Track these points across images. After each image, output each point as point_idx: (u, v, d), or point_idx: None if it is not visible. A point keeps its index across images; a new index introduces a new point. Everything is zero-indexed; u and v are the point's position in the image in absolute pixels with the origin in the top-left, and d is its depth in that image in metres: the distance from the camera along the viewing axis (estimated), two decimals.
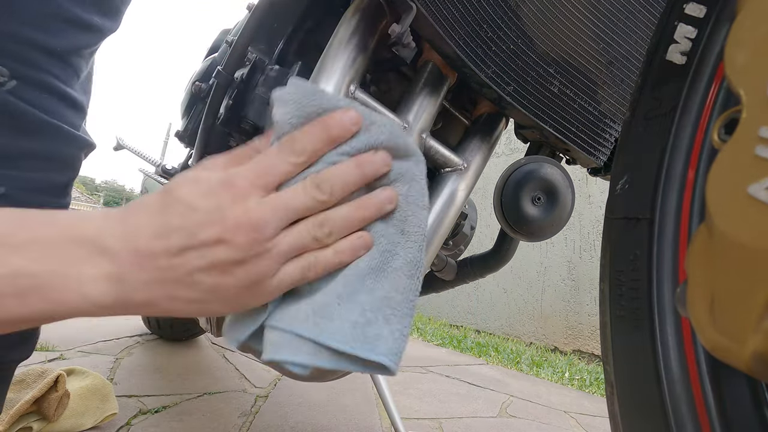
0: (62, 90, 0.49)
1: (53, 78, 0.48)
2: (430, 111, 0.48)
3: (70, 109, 0.51)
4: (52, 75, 0.48)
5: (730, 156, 0.22)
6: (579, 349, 2.57)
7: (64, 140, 0.50)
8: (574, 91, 0.51)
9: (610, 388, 0.33)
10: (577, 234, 2.74)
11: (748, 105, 0.22)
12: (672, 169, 0.31)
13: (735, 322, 0.20)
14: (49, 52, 0.47)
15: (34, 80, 0.47)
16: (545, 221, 0.54)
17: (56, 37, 0.47)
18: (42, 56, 0.47)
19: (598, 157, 0.54)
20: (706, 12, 0.31)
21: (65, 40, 0.48)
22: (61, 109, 0.50)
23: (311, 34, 0.62)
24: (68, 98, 0.50)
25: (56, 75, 0.48)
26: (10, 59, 0.45)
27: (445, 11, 0.44)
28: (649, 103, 0.33)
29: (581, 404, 1.58)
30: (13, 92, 0.45)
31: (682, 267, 0.30)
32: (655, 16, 0.52)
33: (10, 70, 0.45)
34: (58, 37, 0.47)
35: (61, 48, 0.48)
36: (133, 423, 0.88)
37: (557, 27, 0.48)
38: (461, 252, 0.72)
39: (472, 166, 0.50)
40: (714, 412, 0.26)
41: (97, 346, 1.43)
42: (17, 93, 0.46)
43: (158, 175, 1.18)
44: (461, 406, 1.32)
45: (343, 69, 0.43)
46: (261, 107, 0.55)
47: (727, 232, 0.21)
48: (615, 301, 0.33)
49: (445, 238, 0.48)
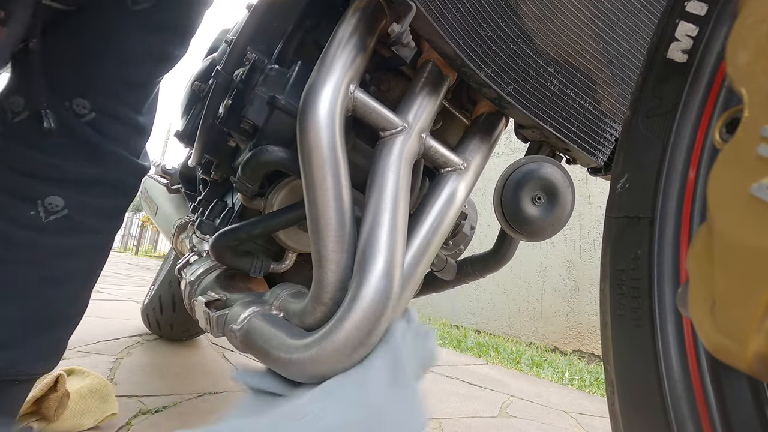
0: (133, 119, 0.53)
1: (128, 109, 0.51)
2: (430, 110, 0.48)
3: (137, 135, 0.54)
4: (128, 105, 0.51)
5: (731, 155, 0.22)
6: (579, 349, 2.57)
7: (131, 170, 0.54)
8: (574, 90, 0.50)
9: (610, 388, 0.33)
10: (577, 234, 2.74)
11: (750, 104, 0.22)
12: (673, 168, 0.31)
13: (736, 322, 0.20)
14: (129, 84, 0.50)
15: (111, 112, 0.50)
16: (545, 221, 0.54)
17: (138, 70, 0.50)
18: (122, 89, 0.50)
19: (598, 157, 0.54)
20: (707, 10, 0.31)
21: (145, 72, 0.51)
22: (129, 138, 0.53)
23: (311, 34, 0.62)
24: (137, 126, 0.54)
25: (130, 105, 0.52)
26: (95, 93, 0.48)
27: (444, 11, 0.44)
28: (649, 101, 0.33)
29: (581, 404, 1.58)
30: (91, 123, 0.49)
31: (683, 267, 0.30)
32: (656, 15, 0.52)
33: (92, 103, 0.48)
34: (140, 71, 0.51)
35: (141, 80, 0.51)
36: (133, 423, 0.88)
37: (557, 26, 0.48)
38: (461, 252, 0.72)
39: (472, 166, 0.50)
40: (715, 411, 0.26)
41: (97, 346, 1.43)
42: (94, 124, 0.49)
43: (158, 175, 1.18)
44: (461, 406, 1.32)
45: (342, 68, 0.43)
46: (260, 107, 0.55)
47: (729, 231, 0.21)
48: (615, 301, 0.33)
49: (445, 238, 0.48)
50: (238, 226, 0.55)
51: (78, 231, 0.50)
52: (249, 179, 0.53)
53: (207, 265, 0.64)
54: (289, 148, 0.52)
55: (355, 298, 0.37)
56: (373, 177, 0.43)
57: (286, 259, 0.63)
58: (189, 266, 0.70)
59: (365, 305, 0.37)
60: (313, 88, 0.42)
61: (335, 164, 0.40)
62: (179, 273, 0.72)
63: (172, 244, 0.99)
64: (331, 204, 0.40)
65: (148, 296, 1.56)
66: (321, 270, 0.40)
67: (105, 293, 2.73)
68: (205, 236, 0.73)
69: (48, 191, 0.48)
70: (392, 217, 0.41)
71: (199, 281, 0.62)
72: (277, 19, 0.63)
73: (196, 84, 0.72)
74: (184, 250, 0.87)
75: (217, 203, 0.69)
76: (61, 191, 0.48)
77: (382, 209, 0.41)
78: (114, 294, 2.75)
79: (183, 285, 0.69)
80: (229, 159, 0.69)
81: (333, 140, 0.40)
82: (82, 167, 0.49)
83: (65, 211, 0.48)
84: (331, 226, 0.40)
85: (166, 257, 1.57)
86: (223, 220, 0.66)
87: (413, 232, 0.45)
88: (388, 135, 0.45)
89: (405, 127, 0.46)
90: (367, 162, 0.50)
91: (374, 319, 0.37)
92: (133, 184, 0.56)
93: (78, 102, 0.47)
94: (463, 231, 0.69)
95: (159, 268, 1.54)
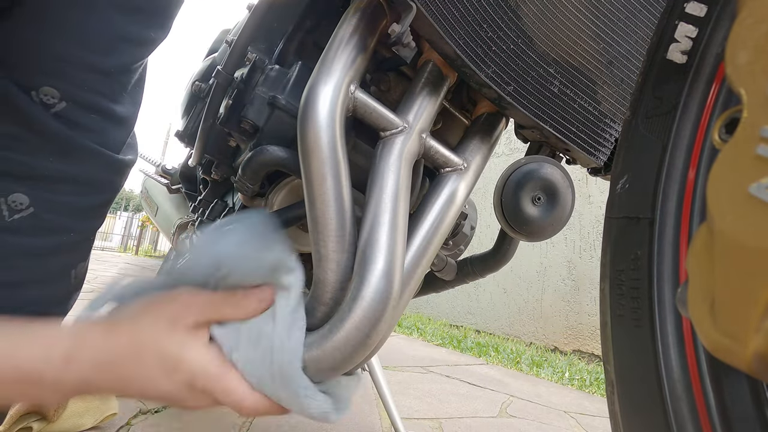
0: (108, 108, 0.49)
1: (102, 97, 0.48)
2: (430, 111, 0.48)
3: (114, 126, 0.50)
4: (101, 94, 0.48)
5: (730, 155, 0.22)
6: (579, 349, 2.57)
7: (104, 165, 0.50)
8: (574, 90, 0.51)
9: (610, 388, 0.33)
10: (577, 234, 2.74)
11: (749, 104, 0.22)
12: (673, 168, 0.31)
13: (736, 322, 0.20)
14: (101, 71, 0.46)
15: (83, 101, 0.46)
16: (545, 221, 0.54)
17: (110, 56, 0.47)
18: (94, 76, 0.46)
19: (598, 157, 0.54)
20: (707, 11, 0.31)
21: (119, 58, 0.47)
22: (105, 128, 0.49)
23: (311, 34, 0.62)
24: (114, 116, 0.50)
25: (104, 93, 0.48)
26: (64, 81, 0.45)
27: (445, 11, 0.44)
28: (649, 102, 0.33)
29: (581, 404, 1.58)
30: (61, 114, 0.45)
31: (683, 267, 0.30)
32: (656, 16, 0.52)
33: (61, 92, 0.45)
34: (112, 57, 0.47)
35: (114, 66, 0.47)
36: (133, 423, 0.88)
37: (557, 27, 0.48)
38: (461, 252, 0.72)
39: (472, 166, 0.50)
40: (715, 411, 0.26)
41: None
42: (65, 115, 0.45)
43: (158, 175, 1.18)
44: (461, 406, 1.32)
45: (342, 69, 0.43)
46: (261, 107, 0.55)
47: (728, 231, 0.21)
48: (615, 301, 0.33)
49: (445, 238, 0.48)
50: None
51: (46, 230, 0.47)
52: (249, 179, 0.53)
53: None
54: (290, 148, 0.52)
55: (355, 298, 0.37)
56: (373, 177, 0.43)
57: None
58: None
59: (365, 305, 0.37)
60: (313, 88, 0.42)
61: (335, 164, 0.40)
62: None
63: (173, 244, 0.99)
64: (332, 204, 0.40)
65: None
66: (321, 270, 0.40)
67: None
68: None
69: (11, 188, 0.44)
70: (392, 217, 0.41)
71: None
72: (277, 20, 0.63)
73: (196, 84, 0.72)
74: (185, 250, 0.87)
75: (218, 203, 0.69)
76: (26, 188, 0.45)
77: (382, 209, 0.41)
78: None
79: None
80: (229, 159, 0.69)
81: (333, 140, 0.40)
82: (48, 162, 0.45)
83: (31, 209, 0.45)
84: (331, 226, 0.40)
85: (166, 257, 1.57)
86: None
87: (413, 232, 0.45)
88: (389, 135, 0.45)
89: (405, 127, 0.46)
90: (367, 162, 0.50)
91: (374, 319, 0.37)
92: (110, 180, 0.52)
93: (45, 91, 0.44)
94: (463, 231, 0.69)
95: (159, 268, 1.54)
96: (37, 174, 0.45)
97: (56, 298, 0.53)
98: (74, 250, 0.52)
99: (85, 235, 0.52)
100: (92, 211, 0.51)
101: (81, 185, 0.49)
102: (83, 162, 0.48)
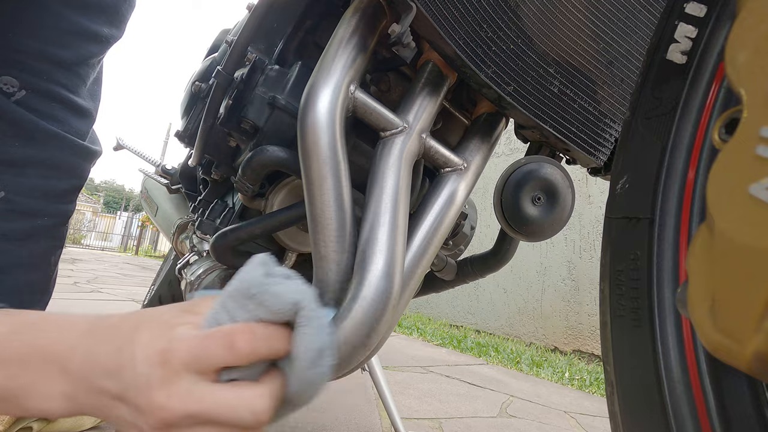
0: (69, 99, 0.52)
1: (61, 87, 0.50)
2: (430, 111, 0.48)
3: (76, 117, 0.53)
4: (60, 85, 0.50)
5: (730, 156, 0.22)
6: (579, 349, 2.57)
7: (69, 149, 0.52)
8: (574, 91, 0.51)
9: (610, 388, 0.33)
10: (577, 234, 2.74)
11: (749, 105, 0.22)
12: (672, 168, 0.31)
13: (736, 322, 0.20)
14: (58, 63, 0.49)
15: (43, 90, 0.49)
16: (545, 221, 0.54)
17: (66, 49, 0.49)
18: (52, 67, 0.49)
19: (598, 157, 0.54)
20: (706, 11, 0.31)
21: (74, 51, 0.50)
22: (67, 117, 0.52)
23: (311, 34, 0.62)
24: (75, 106, 0.53)
25: (64, 84, 0.51)
26: (21, 71, 0.47)
27: (445, 11, 0.44)
28: (649, 102, 0.33)
29: (581, 404, 1.58)
30: (22, 102, 0.48)
31: (683, 267, 0.30)
32: (656, 16, 0.52)
33: (20, 81, 0.47)
34: (68, 49, 0.50)
35: (70, 59, 0.50)
36: None
37: (557, 27, 0.48)
38: (461, 252, 0.72)
39: (472, 166, 0.50)
40: (714, 411, 0.26)
41: None
42: (26, 103, 0.48)
43: (158, 175, 1.17)
44: (461, 406, 1.32)
45: (342, 69, 0.43)
46: (261, 107, 0.55)
47: (728, 231, 0.21)
48: (615, 301, 0.33)
49: (445, 238, 0.48)
50: (238, 226, 0.55)
51: (19, 213, 0.49)
52: (249, 179, 0.53)
53: (207, 265, 0.64)
54: (290, 148, 0.52)
55: (356, 298, 0.37)
56: (373, 177, 0.43)
57: (287, 259, 0.63)
58: (189, 266, 0.70)
59: (365, 305, 0.37)
60: (313, 88, 0.42)
61: (335, 164, 0.40)
62: (179, 273, 0.72)
63: (173, 244, 0.99)
64: (332, 204, 0.40)
65: (148, 296, 1.56)
66: (321, 270, 0.40)
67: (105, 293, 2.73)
68: (205, 236, 0.73)
69: None
70: (392, 217, 0.41)
71: (199, 281, 0.62)
72: (277, 20, 0.63)
73: (196, 84, 0.72)
74: (185, 250, 0.87)
75: (218, 203, 0.69)
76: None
77: (382, 209, 0.41)
78: (114, 294, 2.75)
79: (183, 285, 0.69)
80: (229, 159, 0.69)
81: (333, 140, 0.40)
82: (15, 147, 0.47)
83: (2, 193, 0.47)
84: (331, 226, 0.40)
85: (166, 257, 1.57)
86: (223, 220, 0.66)
87: (413, 232, 0.45)
88: (389, 135, 0.45)
89: (405, 127, 0.46)
90: (367, 162, 0.50)
91: (374, 319, 0.37)
92: (76, 164, 0.54)
93: (4, 80, 0.46)
94: (463, 231, 0.69)
95: (159, 268, 1.54)
96: (4, 159, 0.47)
97: (39, 285, 0.55)
98: (49, 236, 0.54)
99: (59, 220, 0.54)
100: (62, 195, 0.53)
101: (48, 168, 0.51)
102: (47, 145, 0.50)
